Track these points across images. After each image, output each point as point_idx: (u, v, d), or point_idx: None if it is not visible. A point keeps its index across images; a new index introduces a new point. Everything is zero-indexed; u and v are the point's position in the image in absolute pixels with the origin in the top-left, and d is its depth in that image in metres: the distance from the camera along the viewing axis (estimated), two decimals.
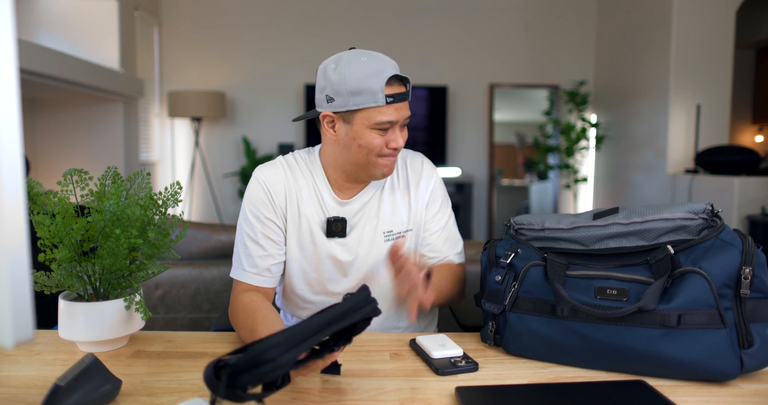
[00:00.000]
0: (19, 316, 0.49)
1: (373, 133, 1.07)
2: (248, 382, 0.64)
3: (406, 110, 1.09)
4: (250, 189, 1.16)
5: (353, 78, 1.03)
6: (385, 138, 1.08)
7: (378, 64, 1.04)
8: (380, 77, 1.03)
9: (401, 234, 1.20)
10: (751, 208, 3.37)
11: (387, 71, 1.04)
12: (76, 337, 0.94)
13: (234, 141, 4.97)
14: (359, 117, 1.06)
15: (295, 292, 1.20)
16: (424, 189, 1.23)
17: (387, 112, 1.05)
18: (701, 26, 3.90)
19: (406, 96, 1.08)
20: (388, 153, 1.10)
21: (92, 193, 0.97)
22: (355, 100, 1.04)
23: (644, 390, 0.80)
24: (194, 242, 1.88)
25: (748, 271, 0.81)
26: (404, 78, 1.07)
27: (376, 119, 1.05)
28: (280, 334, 0.67)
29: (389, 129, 1.08)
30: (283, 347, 0.65)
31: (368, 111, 1.05)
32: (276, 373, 0.64)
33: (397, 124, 1.08)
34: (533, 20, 5.09)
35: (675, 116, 3.97)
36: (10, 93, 0.47)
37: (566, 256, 0.95)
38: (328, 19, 4.95)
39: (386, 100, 1.04)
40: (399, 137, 1.09)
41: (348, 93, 1.04)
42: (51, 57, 2.85)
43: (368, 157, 1.10)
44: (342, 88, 1.04)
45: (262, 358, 0.64)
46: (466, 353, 0.93)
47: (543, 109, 5.21)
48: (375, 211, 1.19)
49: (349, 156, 1.11)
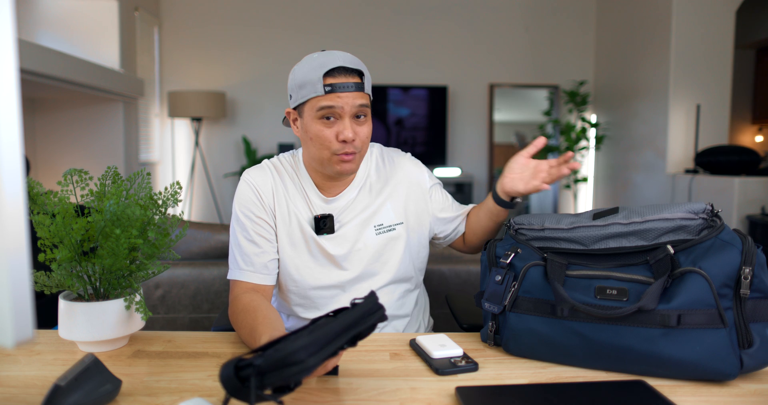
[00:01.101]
0: (19, 316, 0.49)
1: (319, 123, 1.09)
2: (274, 383, 0.65)
3: (354, 98, 1.08)
4: (239, 191, 1.19)
5: (301, 73, 1.09)
6: (333, 129, 1.09)
7: (325, 59, 1.08)
8: (321, 69, 1.07)
9: (392, 227, 1.22)
10: (751, 208, 3.37)
11: (330, 63, 1.07)
12: (76, 337, 0.94)
13: (234, 141, 4.97)
14: (306, 109, 1.10)
15: (290, 290, 1.20)
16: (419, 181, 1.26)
17: (326, 99, 1.07)
18: (701, 26, 3.90)
19: (351, 86, 1.08)
20: (339, 148, 1.09)
21: (92, 193, 0.97)
22: (301, 92, 1.09)
23: (644, 390, 0.80)
24: (194, 242, 1.88)
25: (747, 271, 0.81)
26: (356, 70, 1.09)
27: (317, 106, 1.07)
28: (307, 335, 0.67)
29: (336, 120, 1.09)
30: (311, 348, 0.65)
31: (311, 101, 1.08)
32: (303, 374, 0.65)
33: (345, 114, 1.08)
34: (533, 20, 5.09)
35: (675, 116, 3.97)
36: (10, 93, 0.47)
37: (566, 256, 0.95)
38: (329, 19, 4.95)
39: (325, 89, 1.06)
40: (347, 129, 1.08)
41: (297, 87, 1.10)
42: (51, 57, 2.85)
43: (322, 153, 1.11)
44: (293, 84, 1.11)
45: (292, 359, 0.64)
46: (466, 353, 0.93)
47: (543, 109, 5.21)
48: (363, 206, 1.21)
49: (310, 152, 1.15)
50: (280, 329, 0.95)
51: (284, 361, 0.64)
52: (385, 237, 1.21)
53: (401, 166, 1.27)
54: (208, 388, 0.83)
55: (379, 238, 1.21)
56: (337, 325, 0.70)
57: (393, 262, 1.21)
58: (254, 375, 0.64)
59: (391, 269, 1.21)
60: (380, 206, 1.22)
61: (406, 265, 1.24)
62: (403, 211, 1.23)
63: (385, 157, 1.28)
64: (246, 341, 1.00)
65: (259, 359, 0.65)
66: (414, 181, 1.26)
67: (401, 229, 1.23)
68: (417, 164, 1.30)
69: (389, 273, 1.21)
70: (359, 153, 1.13)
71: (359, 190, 1.22)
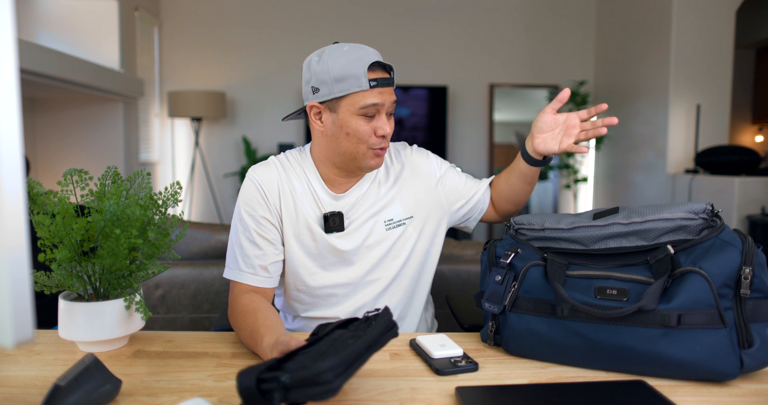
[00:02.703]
0: (19, 316, 0.49)
1: (359, 119, 1.08)
2: (296, 400, 0.65)
3: (391, 95, 1.09)
4: (244, 188, 1.17)
5: (337, 65, 1.05)
6: (371, 125, 1.08)
7: (359, 52, 1.06)
8: (363, 62, 1.05)
9: (402, 222, 1.20)
10: (751, 208, 3.37)
11: (369, 58, 1.06)
12: (76, 337, 0.94)
13: (234, 141, 4.97)
14: (345, 104, 1.07)
15: (299, 289, 1.19)
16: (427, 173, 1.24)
17: (372, 95, 1.06)
18: (701, 26, 3.90)
19: (391, 82, 1.09)
20: (376, 143, 1.10)
21: (92, 193, 0.97)
22: (340, 86, 1.06)
23: (644, 390, 0.80)
24: (194, 242, 1.88)
25: (748, 271, 0.81)
26: (387, 65, 1.09)
27: (362, 103, 1.06)
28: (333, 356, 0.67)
29: (375, 115, 1.08)
30: (338, 370, 0.65)
31: (353, 96, 1.06)
32: (328, 395, 0.64)
33: (383, 110, 1.08)
34: (533, 20, 5.09)
35: (675, 116, 3.97)
36: (10, 93, 0.47)
37: (566, 256, 0.95)
38: (329, 19, 4.95)
39: (370, 84, 1.05)
40: (386, 124, 1.09)
41: (332, 81, 1.06)
42: (51, 57, 2.85)
43: (357, 147, 1.10)
44: (326, 76, 1.06)
45: (319, 380, 0.64)
46: (466, 353, 0.93)
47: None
48: (372, 201, 1.19)
49: (338, 147, 1.12)
50: (281, 332, 0.94)
51: (311, 380, 0.64)
52: (395, 232, 1.19)
53: (408, 159, 1.26)
54: (208, 388, 0.83)
55: (389, 234, 1.19)
56: (361, 345, 0.70)
57: (403, 258, 1.20)
58: (279, 390, 0.64)
59: (401, 265, 1.20)
60: (390, 201, 1.20)
61: (417, 261, 1.22)
62: (412, 206, 1.21)
63: (392, 151, 1.27)
64: (246, 343, 1.00)
65: (285, 375, 0.65)
66: (422, 173, 1.24)
67: (411, 223, 1.21)
68: (423, 155, 1.28)
69: (399, 269, 1.20)
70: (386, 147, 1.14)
71: (368, 185, 1.20)
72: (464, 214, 1.28)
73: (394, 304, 1.21)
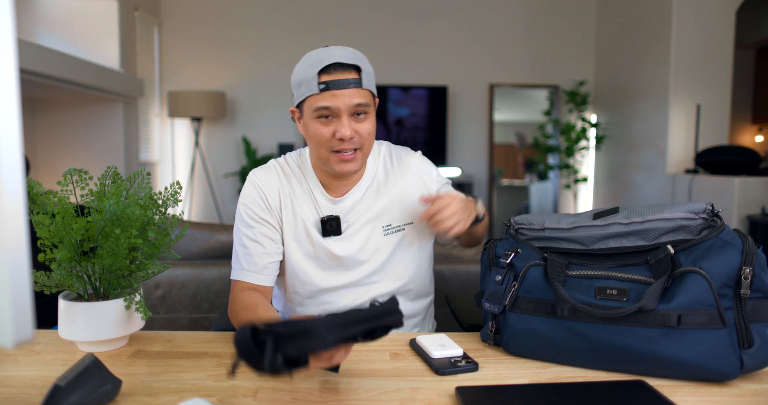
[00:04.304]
0: (19, 316, 0.49)
1: (317, 123, 1.08)
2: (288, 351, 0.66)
3: (351, 97, 1.05)
4: (244, 191, 1.18)
5: (299, 70, 1.08)
6: (330, 128, 1.07)
7: (320, 55, 1.06)
8: (317, 67, 1.05)
9: (401, 227, 1.20)
10: (751, 208, 3.37)
11: (326, 60, 1.05)
12: (76, 337, 0.94)
13: (234, 141, 4.97)
14: (305, 108, 1.09)
15: (297, 292, 1.20)
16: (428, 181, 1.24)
17: (323, 98, 1.05)
18: (701, 26, 3.90)
19: (348, 83, 1.05)
20: (336, 145, 1.08)
21: (92, 193, 0.97)
22: (299, 91, 1.09)
23: (644, 390, 0.80)
24: (194, 242, 1.88)
25: (748, 271, 0.81)
26: (353, 66, 1.06)
27: (314, 106, 1.06)
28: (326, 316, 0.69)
29: (334, 118, 1.07)
30: (331, 326, 0.67)
31: (308, 100, 1.08)
32: (318, 349, 0.67)
33: (343, 113, 1.06)
34: (533, 20, 5.09)
35: (675, 116, 3.97)
36: (10, 93, 0.47)
37: (566, 256, 0.95)
38: (328, 19, 4.95)
39: (319, 87, 1.05)
40: (344, 127, 1.06)
41: (296, 86, 1.09)
42: (51, 57, 2.85)
43: (320, 151, 1.10)
44: (294, 82, 1.10)
45: (310, 330, 0.66)
46: (466, 353, 0.93)
47: (543, 109, 5.21)
48: (369, 206, 1.19)
49: (312, 150, 1.14)
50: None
51: (303, 331, 0.66)
52: (393, 238, 1.19)
53: (410, 164, 1.24)
54: (208, 388, 0.83)
55: (388, 239, 1.18)
56: (358, 313, 0.72)
57: (403, 264, 1.20)
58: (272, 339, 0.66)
59: (400, 271, 1.20)
60: (388, 206, 1.19)
61: (417, 267, 1.22)
62: (411, 211, 1.21)
63: (393, 155, 1.25)
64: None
65: (278, 326, 0.67)
66: (423, 181, 1.23)
67: (411, 229, 1.21)
68: (427, 163, 1.27)
69: (398, 274, 1.20)
70: (362, 151, 1.10)
71: (366, 189, 1.19)
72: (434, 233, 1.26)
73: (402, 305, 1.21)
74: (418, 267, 1.23)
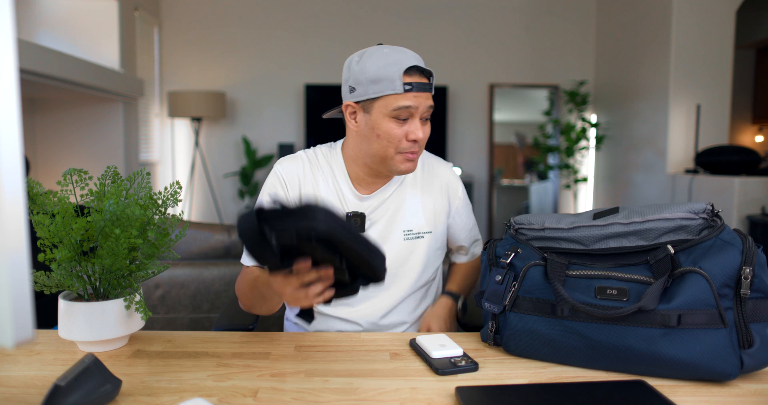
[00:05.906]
0: (19, 316, 0.49)
1: (391, 122, 1.08)
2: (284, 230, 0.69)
3: (427, 100, 1.09)
4: (268, 181, 1.19)
5: (374, 67, 1.06)
6: (403, 129, 1.08)
7: (398, 55, 1.07)
8: (399, 66, 1.05)
9: (420, 235, 1.20)
10: (751, 208, 3.37)
11: (407, 61, 1.06)
12: (76, 337, 0.94)
13: (234, 141, 4.97)
14: (378, 105, 1.08)
15: None
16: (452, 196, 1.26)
17: (405, 98, 1.06)
18: (701, 26, 3.90)
19: (428, 87, 1.08)
20: (407, 147, 1.09)
21: (92, 192, 0.97)
22: (374, 87, 1.06)
23: (644, 390, 0.80)
24: (194, 242, 1.88)
25: (748, 271, 0.81)
26: (427, 70, 1.08)
27: (394, 105, 1.06)
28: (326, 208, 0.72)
29: (408, 119, 1.08)
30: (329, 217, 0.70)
31: (386, 98, 1.06)
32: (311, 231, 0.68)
33: (417, 115, 1.08)
34: (533, 20, 5.08)
35: (675, 116, 3.97)
36: (10, 93, 0.47)
37: (566, 256, 0.95)
38: (328, 19, 4.94)
39: (404, 87, 1.05)
40: (419, 129, 1.08)
41: (368, 81, 1.06)
42: (51, 57, 2.84)
43: (387, 151, 1.10)
44: (362, 77, 1.07)
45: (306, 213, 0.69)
46: (466, 353, 0.93)
47: (543, 109, 5.21)
48: (395, 208, 1.19)
49: (369, 148, 1.12)
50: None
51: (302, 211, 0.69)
52: (412, 243, 1.19)
53: (441, 174, 1.26)
54: (208, 388, 0.83)
55: (406, 244, 1.19)
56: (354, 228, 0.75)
57: (417, 270, 1.20)
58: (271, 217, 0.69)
59: (413, 276, 1.20)
60: (413, 211, 1.20)
61: (429, 275, 1.23)
62: (433, 220, 1.22)
63: (425, 162, 1.26)
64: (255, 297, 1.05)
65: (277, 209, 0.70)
66: (448, 195, 1.26)
67: (429, 237, 1.21)
68: (457, 179, 1.29)
69: (411, 279, 1.20)
70: (419, 153, 1.13)
71: (394, 191, 1.20)
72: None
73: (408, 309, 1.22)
74: (430, 275, 1.24)
